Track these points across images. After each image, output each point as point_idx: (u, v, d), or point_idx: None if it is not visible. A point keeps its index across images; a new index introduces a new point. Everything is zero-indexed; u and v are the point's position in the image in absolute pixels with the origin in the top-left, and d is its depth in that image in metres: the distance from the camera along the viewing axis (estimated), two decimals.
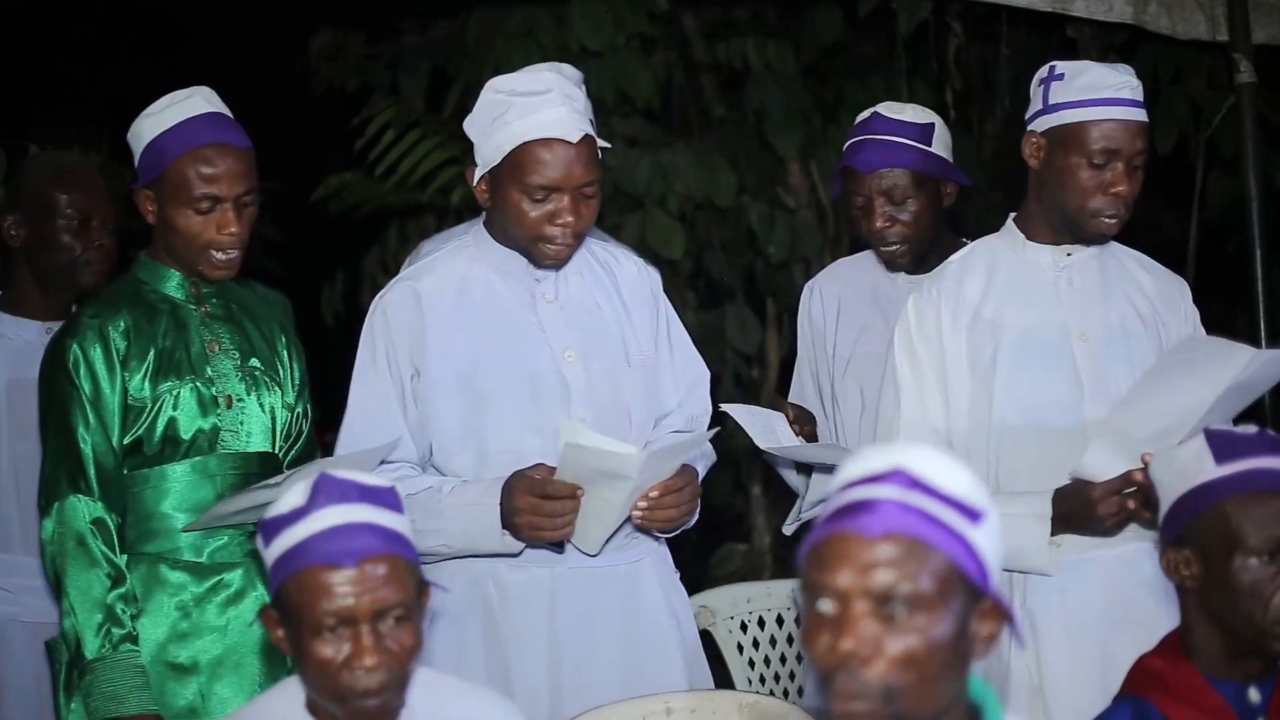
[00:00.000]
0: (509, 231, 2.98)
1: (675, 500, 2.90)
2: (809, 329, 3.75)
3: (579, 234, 2.96)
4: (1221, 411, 2.85)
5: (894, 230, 3.54)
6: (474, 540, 2.92)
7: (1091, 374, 3.01)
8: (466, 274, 3.03)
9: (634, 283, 3.13)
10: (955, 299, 3.07)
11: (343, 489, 2.16)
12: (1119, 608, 2.99)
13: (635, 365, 3.06)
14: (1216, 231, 5.71)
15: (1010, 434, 2.99)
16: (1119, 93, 2.98)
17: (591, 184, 2.93)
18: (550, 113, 2.89)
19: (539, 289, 3.03)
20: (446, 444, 2.98)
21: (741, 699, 2.91)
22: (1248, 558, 2.32)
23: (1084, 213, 3.00)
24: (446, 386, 2.97)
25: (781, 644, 3.96)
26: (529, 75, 2.95)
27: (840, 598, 1.76)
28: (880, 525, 1.75)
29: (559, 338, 3.01)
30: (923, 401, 3.05)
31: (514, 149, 2.90)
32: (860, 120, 3.63)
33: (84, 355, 3.00)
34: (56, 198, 3.60)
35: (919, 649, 1.75)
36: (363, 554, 2.13)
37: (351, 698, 2.14)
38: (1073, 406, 3.00)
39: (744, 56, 5.70)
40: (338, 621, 2.12)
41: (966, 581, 1.77)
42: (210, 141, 3.01)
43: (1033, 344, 3.03)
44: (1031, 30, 5.54)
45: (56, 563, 2.98)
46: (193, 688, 3.02)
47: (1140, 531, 2.98)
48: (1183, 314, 3.13)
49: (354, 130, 5.92)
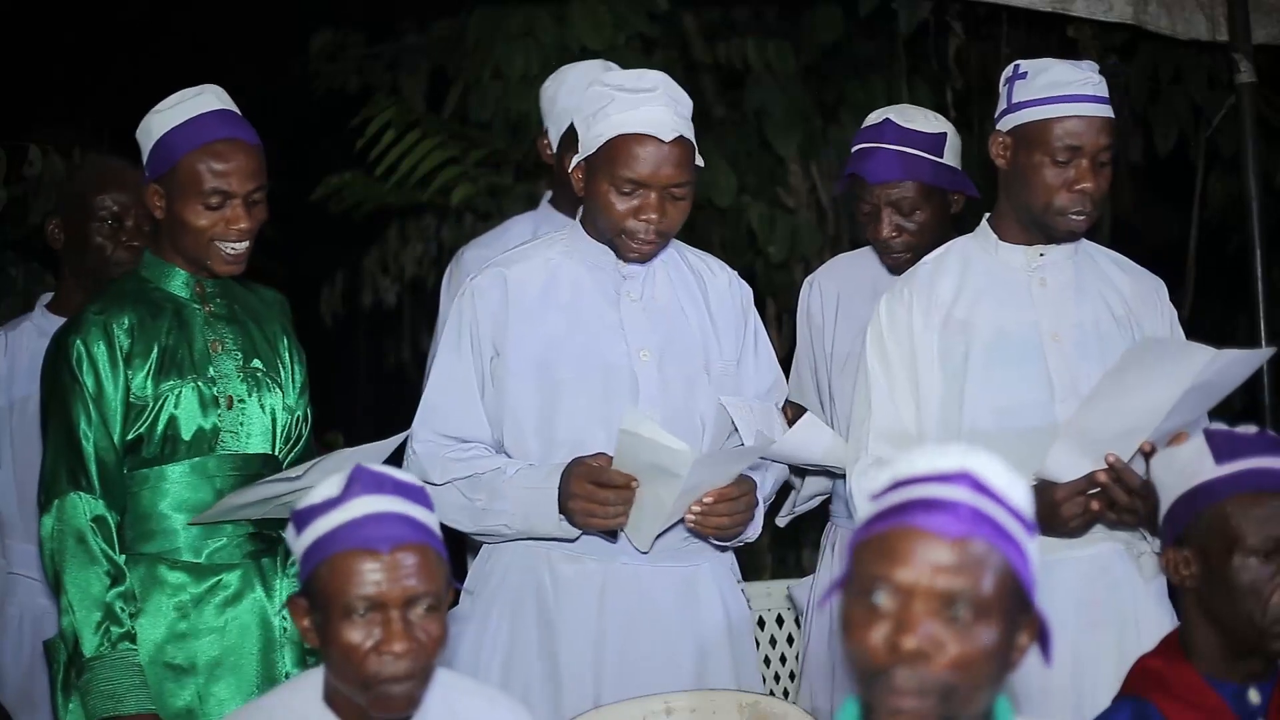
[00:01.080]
0: (597, 222, 3.04)
1: (729, 509, 2.94)
2: (807, 325, 3.75)
3: (663, 233, 3.01)
4: (1185, 411, 2.84)
5: (900, 240, 3.53)
6: (533, 523, 2.98)
7: (1063, 374, 3.01)
8: (556, 264, 3.09)
9: (724, 294, 3.17)
10: (927, 299, 3.07)
11: (377, 480, 2.20)
12: (1090, 608, 2.99)
13: (715, 375, 3.10)
14: (1216, 231, 5.71)
15: (981, 435, 2.97)
16: (1081, 89, 2.98)
17: (681, 185, 2.99)
18: (649, 110, 2.97)
19: (625, 286, 3.08)
20: (518, 427, 3.04)
21: (741, 699, 2.91)
22: (1247, 557, 2.32)
23: (1051, 210, 3.00)
24: (523, 371, 3.03)
25: (781, 644, 3.96)
26: (637, 74, 3.06)
27: (903, 593, 1.76)
28: (957, 528, 1.75)
29: (637, 336, 3.05)
30: (894, 402, 3.05)
31: (609, 140, 2.97)
32: (870, 125, 3.60)
33: (87, 351, 3.00)
34: (92, 199, 3.65)
35: (975, 653, 1.75)
36: (396, 541, 2.16)
37: (377, 684, 2.16)
38: (1044, 407, 2.99)
39: (744, 56, 5.71)
40: (368, 606, 2.15)
41: (1021, 591, 1.78)
42: (221, 137, 3.02)
43: (1004, 344, 3.02)
44: (1031, 30, 5.53)
45: (56, 560, 2.97)
46: (190, 689, 3.01)
47: (1111, 533, 2.98)
48: (1159, 313, 3.13)
49: (354, 130, 5.92)
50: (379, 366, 7.42)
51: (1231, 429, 2.40)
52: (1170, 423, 2.81)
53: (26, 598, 3.68)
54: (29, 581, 3.64)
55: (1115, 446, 2.83)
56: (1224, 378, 2.86)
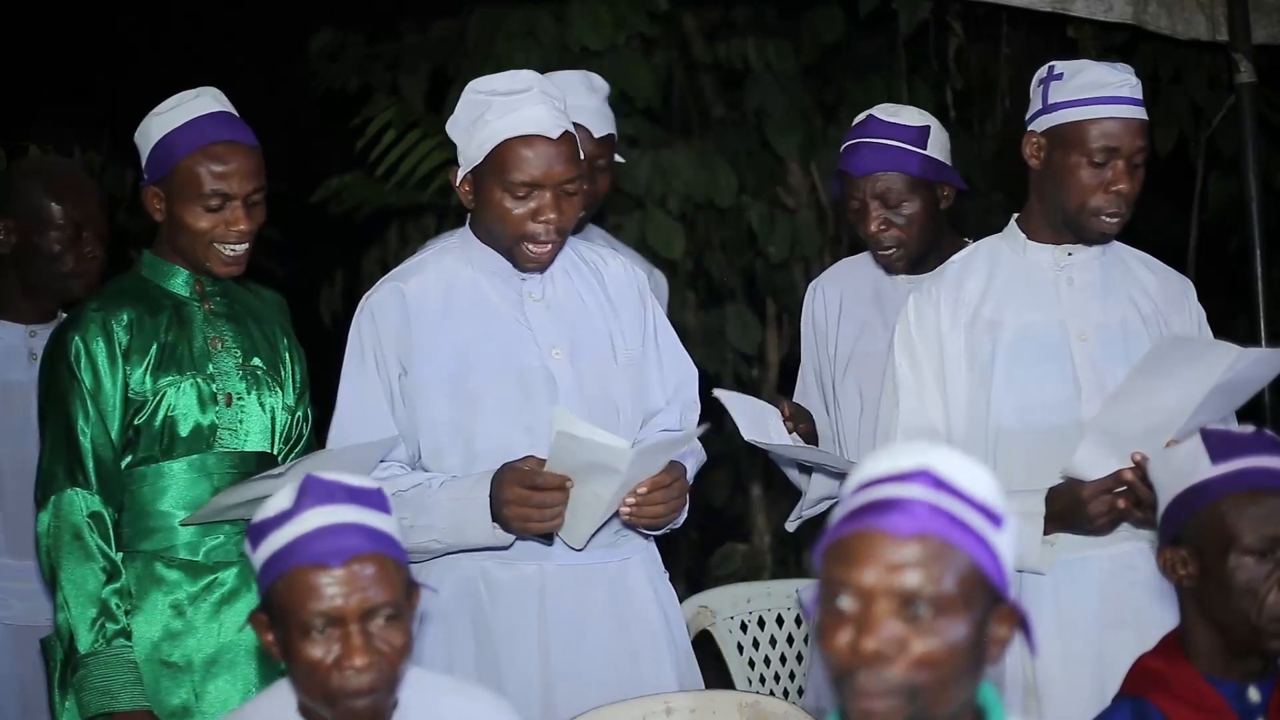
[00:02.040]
0: (492, 231, 3.00)
1: (663, 497, 2.92)
2: (812, 329, 3.76)
3: (562, 231, 2.98)
4: (1211, 410, 2.85)
5: (889, 234, 3.53)
6: (464, 534, 2.93)
7: (1090, 374, 3.01)
8: (453, 274, 3.04)
9: (620, 282, 3.14)
10: (955, 298, 3.07)
11: (329, 490, 2.16)
12: (1113, 607, 2.99)
13: (622, 363, 3.07)
14: (1216, 231, 5.71)
15: (1007, 433, 2.99)
16: (1119, 91, 2.98)
17: (573, 181, 2.95)
18: (530, 110, 2.92)
19: (525, 288, 3.04)
20: (435, 443, 2.99)
21: (741, 699, 2.91)
22: (1243, 556, 2.33)
23: (1085, 211, 3.00)
24: (434, 385, 2.98)
25: (781, 644, 3.96)
26: (508, 76, 3.00)
27: (863, 595, 1.76)
28: (910, 525, 1.75)
29: (546, 336, 3.02)
30: (921, 401, 3.05)
31: (495, 146, 2.93)
32: (856, 123, 3.63)
33: (86, 347, 3.01)
34: (50, 207, 3.54)
35: (940, 650, 1.75)
36: (350, 553, 2.12)
37: (342, 699, 2.14)
38: (1070, 406, 3.00)
39: (744, 56, 5.71)
40: (326, 622, 2.12)
41: (988, 585, 1.77)
42: (221, 139, 3.02)
43: (1031, 343, 3.03)
44: (1031, 30, 5.53)
45: (52, 556, 2.98)
46: (186, 686, 3.02)
47: (1135, 531, 2.98)
48: (1187, 313, 3.13)
49: (354, 131, 5.92)
50: None
51: (1228, 428, 2.40)
52: (1196, 421, 2.81)
53: None
54: None
55: (1142, 444, 2.83)
56: (1249, 377, 2.87)
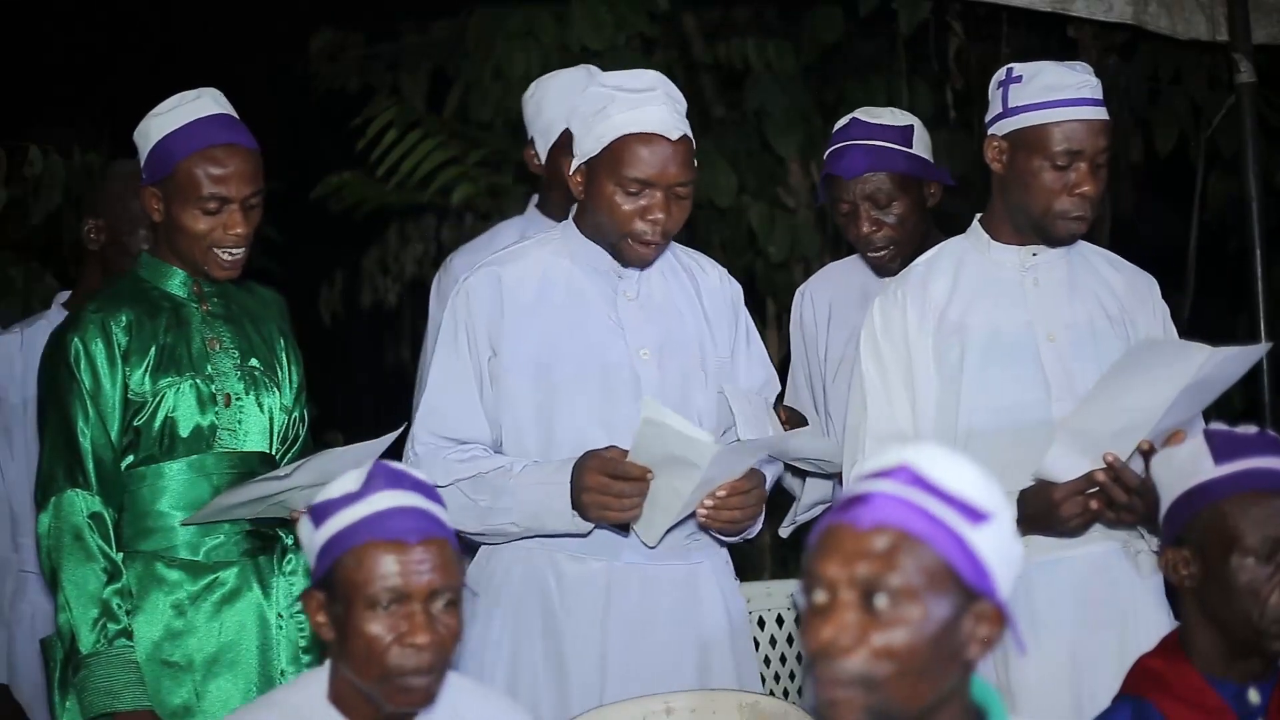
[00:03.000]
0: (600, 225, 3.01)
1: (741, 502, 2.94)
2: (800, 333, 3.77)
3: (668, 233, 3.00)
4: (1182, 409, 2.84)
5: (880, 234, 3.54)
6: (542, 520, 2.96)
7: (1059, 374, 3.01)
8: (551, 265, 3.07)
9: (716, 291, 3.17)
10: (921, 301, 3.07)
11: (396, 476, 2.23)
12: (1088, 608, 2.99)
13: (710, 372, 3.10)
14: (1216, 231, 5.70)
15: (977, 435, 2.98)
16: (1079, 92, 2.98)
17: (685, 184, 2.98)
18: (653, 110, 2.95)
19: (621, 286, 3.07)
20: (517, 427, 3.02)
21: (741, 699, 2.91)
22: (1245, 557, 2.32)
23: (1050, 214, 3.00)
24: (521, 370, 3.02)
25: (781, 644, 3.95)
26: (635, 73, 3.04)
27: (830, 587, 1.77)
28: (870, 517, 1.76)
29: (636, 335, 3.04)
30: (890, 405, 3.04)
31: (613, 141, 2.95)
32: (839, 127, 3.64)
33: (85, 349, 3.01)
34: (139, 210, 3.58)
35: (900, 642, 1.75)
36: (425, 534, 2.19)
37: (399, 676, 2.17)
38: (1040, 407, 2.99)
39: (744, 56, 5.70)
40: (393, 598, 2.16)
41: (959, 580, 1.77)
42: (220, 142, 3.02)
43: (999, 345, 3.02)
44: (1031, 30, 5.53)
45: (53, 557, 2.98)
46: (187, 686, 3.02)
47: (1108, 532, 2.98)
48: (1152, 310, 3.13)
49: (354, 130, 5.92)
50: (379, 366, 7.42)
51: (1231, 429, 2.40)
52: (1167, 421, 2.82)
53: (38, 595, 3.67)
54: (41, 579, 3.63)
55: (1113, 445, 2.83)
56: (1221, 375, 2.86)
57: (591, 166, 2.99)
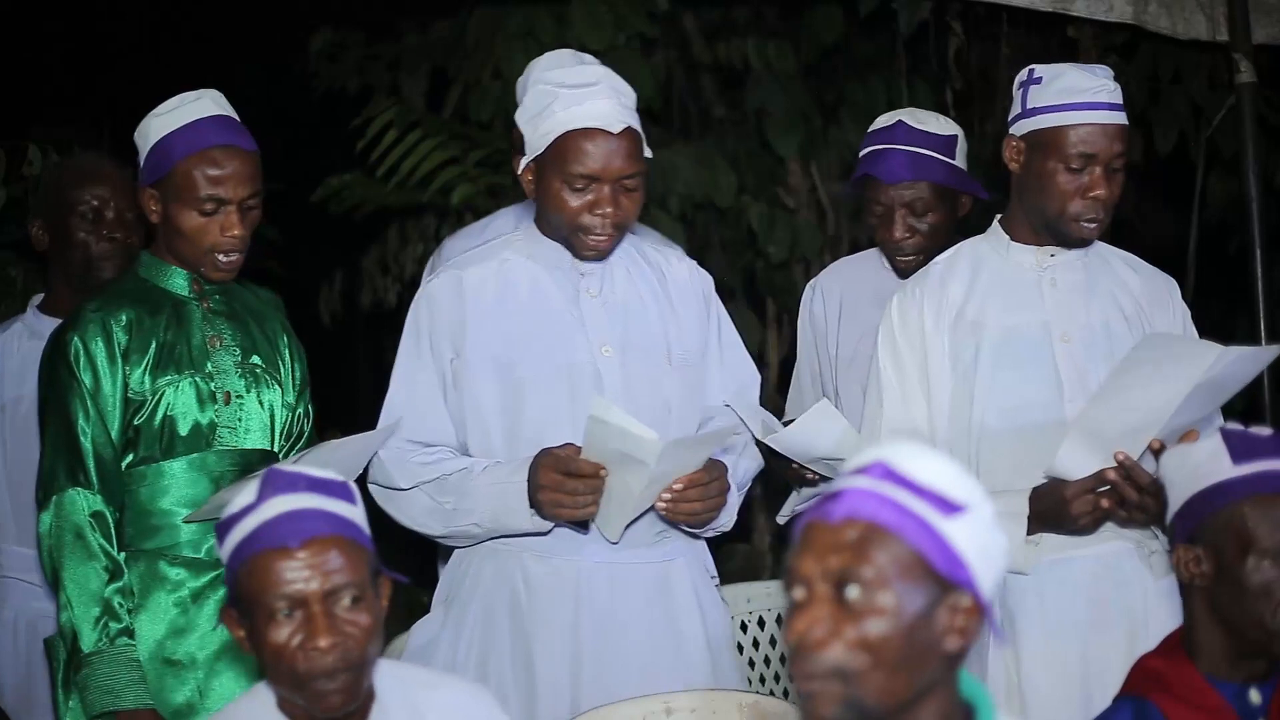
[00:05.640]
0: (551, 221, 3.02)
1: (700, 494, 2.93)
2: (810, 328, 3.75)
3: (618, 226, 2.99)
4: (1194, 408, 2.85)
5: (912, 241, 3.53)
6: (502, 519, 2.96)
7: (1073, 374, 3.02)
8: (513, 265, 3.07)
9: (684, 283, 3.17)
10: (938, 299, 3.08)
11: (289, 480, 2.19)
12: (1098, 608, 2.99)
13: (677, 364, 3.09)
14: (1216, 231, 5.71)
15: (991, 434, 3.00)
16: (1096, 96, 2.99)
17: (632, 177, 2.97)
18: (595, 104, 2.95)
19: (583, 283, 3.07)
20: (482, 426, 3.02)
21: (741, 699, 2.91)
22: (1261, 559, 2.33)
23: (1063, 217, 3.01)
24: (484, 371, 3.01)
25: (781, 644, 3.95)
26: (579, 69, 3.05)
27: (806, 583, 1.78)
28: (840, 510, 1.78)
29: (598, 332, 3.04)
30: (905, 402, 3.06)
31: (558, 138, 2.95)
32: (882, 127, 3.60)
33: (85, 348, 3.01)
34: (70, 195, 3.62)
35: (873, 633, 1.76)
36: (308, 534, 2.14)
37: (309, 681, 2.14)
38: (1053, 406, 3.00)
39: (744, 56, 5.71)
40: (290, 605, 2.14)
41: (933, 571, 1.77)
42: (218, 144, 3.02)
43: (1014, 344, 3.03)
44: (1031, 30, 5.53)
45: (54, 556, 2.98)
46: (190, 684, 3.02)
47: (1119, 531, 2.98)
48: (1171, 312, 3.14)
49: (354, 131, 5.91)
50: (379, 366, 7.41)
51: (1248, 430, 2.40)
52: (1178, 420, 2.82)
53: (21, 601, 3.64)
54: (24, 585, 3.61)
55: (1124, 444, 2.84)
56: (1232, 375, 2.87)
57: (539, 164, 2.99)
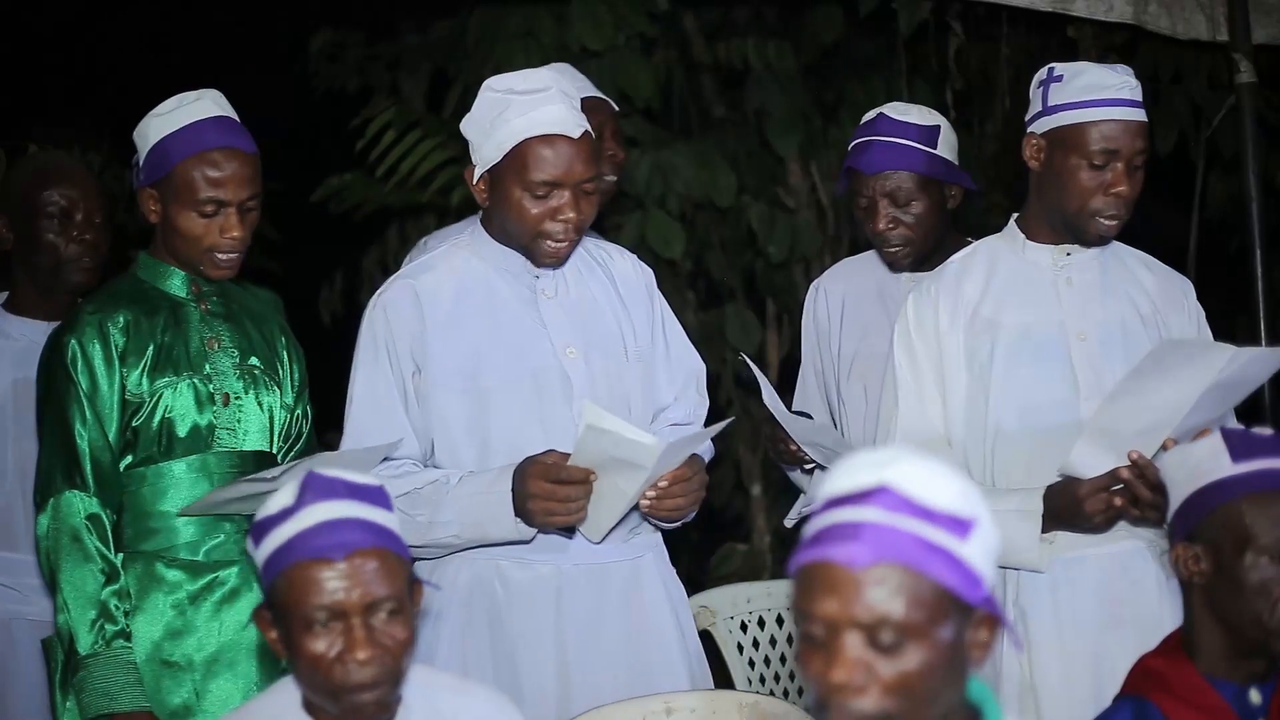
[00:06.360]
0: (509, 229, 2.99)
1: (683, 489, 2.93)
2: (814, 329, 3.75)
3: (580, 229, 2.98)
4: (1208, 409, 2.85)
5: (897, 232, 3.54)
6: (485, 529, 2.93)
7: (1088, 373, 3.02)
8: (465, 271, 3.04)
9: (630, 279, 3.16)
10: (954, 298, 3.08)
11: (330, 486, 2.17)
12: (1112, 606, 2.99)
13: (633, 360, 3.08)
14: (1216, 231, 5.71)
15: (1006, 433, 3.00)
16: (1118, 93, 2.99)
17: (591, 180, 2.96)
18: (551, 110, 2.92)
19: (539, 285, 3.05)
20: (450, 440, 2.99)
21: (741, 699, 2.91)
22: (1259, 556, 2.32)
23: (1084, 214, 3.01)
24: (449, 383, 2.98)
25: (781, 644, 3.96)
26: (527, 74, 3.00)
27: (829, 625, 1.75)
28: (867, 555, 1.73)
29: (560, 334, 3.02)
30: (921, 401, 3.06)
31: (515, 146, 2.92)
32: (865, 121, 3.62)
33: (82, 351, 3.01)
34: (38, 195, 3.54)
35: (912, 675, 1.74)
36: (352, 547, 2.13)
37: (344, 693, 2.14)
38: (1069, 406, 3.00)
39: (744, 56, 5.70)
40: (329, 616, 2.13)
41: (957, 599, 1.76)
42: (218, 145, 3.02)
43: (1030, 343, 3.03)
44: (1031, 30, 5.54)
45: (51, 558, 2.98)
46: (187, 686, 3.02)
47: (1133, 530, 2.98)
48: (1186, 313, 3.14)
49: (354, 131, 5.92)
50: None
51: (1248, 429, 2.40)
52: (1192, 420, 2.82)
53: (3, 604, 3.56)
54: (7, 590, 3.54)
55: (1138, 443, 2.84)
56: (1245, 376, 2.88)
57: (495, 173, 2.96)
